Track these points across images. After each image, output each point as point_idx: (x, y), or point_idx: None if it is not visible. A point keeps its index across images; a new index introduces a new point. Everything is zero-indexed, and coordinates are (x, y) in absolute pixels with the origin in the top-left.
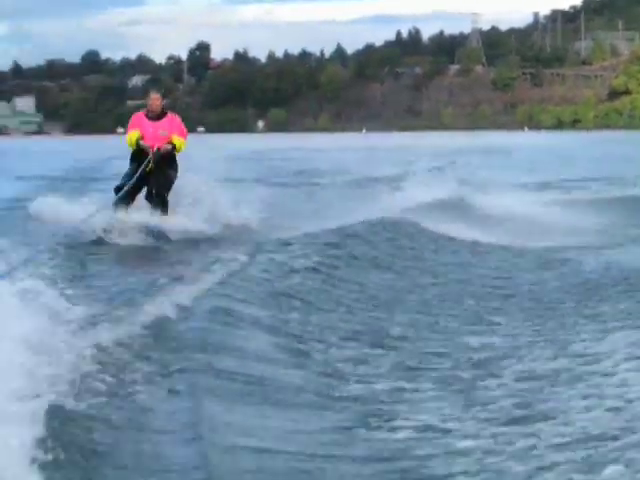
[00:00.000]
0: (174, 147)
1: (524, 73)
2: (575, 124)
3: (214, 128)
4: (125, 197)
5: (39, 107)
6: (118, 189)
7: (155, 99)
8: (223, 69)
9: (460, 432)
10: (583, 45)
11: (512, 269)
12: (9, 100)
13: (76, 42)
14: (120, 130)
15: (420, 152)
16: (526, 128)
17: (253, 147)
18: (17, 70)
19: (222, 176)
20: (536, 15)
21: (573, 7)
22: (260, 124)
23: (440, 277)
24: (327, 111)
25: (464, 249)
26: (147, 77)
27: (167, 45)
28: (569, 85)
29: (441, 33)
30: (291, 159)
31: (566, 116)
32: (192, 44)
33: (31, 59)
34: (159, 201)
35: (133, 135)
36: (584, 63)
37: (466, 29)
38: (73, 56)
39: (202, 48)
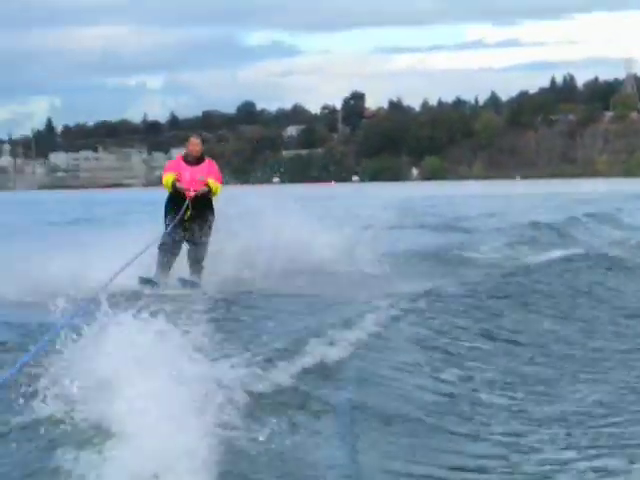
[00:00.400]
0: (210, 190)
1: None
2: None
3: (368, 177)
4: (168, 249)
5: None
6: (162, 237)
7: (195, 144)
8: (377, 118)
9: None
10: None
11: None
12: (166, 151)
13: (231, 93)
14: (275, 180)
15: (578, 198)
16: None
17: (406, 195)
18: (174, 121)
19: (377, 223)
20: None
21: None
22: (414, 172)
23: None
24: (481, 159)
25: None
26: (302, 127)
27: (321, 95)
28: None
29: (596, 79)
30: (443, 205)
31: None
32: (346, 93)
33: (187, 110)
34: (199, 252)
35: (169, 177)
36: None
37: (621, 75)
38: (229, 107)
39: (356, 97)
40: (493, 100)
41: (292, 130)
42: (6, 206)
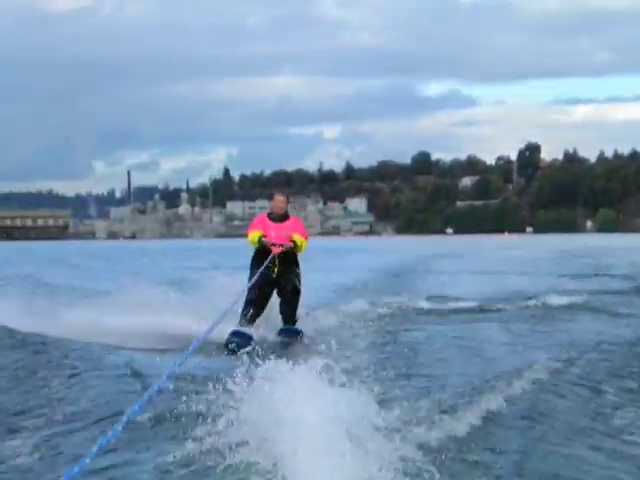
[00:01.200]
0: (296, 245)
1: None
2: None
3: (543, 228)
4: (254, 304)
5: (370, 207)
6: (249, 293)
7: (279, 201)
8: (552, 169)
9: None
10: None
11: None
12: (341, 201)
13: (406, 143)
14: (449, 230)
15: None
16: None
17: (577, 245)
18: (349, 171)
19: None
20: None
21: None
22: (589, 224)
23: None
24: None
25: None
26: (476, 178)
27: (496, 145)
28: None
29: None
30: (616, 256)
31: None
32: (521, 144)
33: (363, 160)
34: (292, 305)
35: (256, 234)
36: None
37: None
38: (404, 157)
39: (531, 148)
40: None
41: (466, 180)
42: (215, 251)
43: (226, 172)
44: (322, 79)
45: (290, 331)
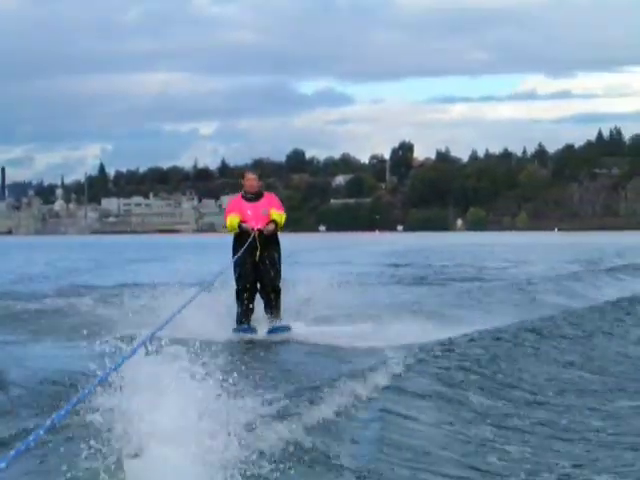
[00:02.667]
0: (276, 226)
1: None
2: None
3: (414, 226)
4: (244, 294)
5: None
6: (237, 283)
7: (251, 179)
8: (424, 168)
9: None
10: None
11: None
12: (216, 198)
13: (282, 141)
14: (322, 228)
15: (612, 250)
16: None
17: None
18: (224, 168)
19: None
20: None
21: None
22: (459, 223)
23: None
24: (525, 210)
25: None
26: (350, 176)
27: (371, 144)
28: None
29: None
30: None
31: None
32: (395, 143)
33: (238, 157)
34: (275, 296)
35: (234, 219)
36: None
37: None
38: (278, 155)
39: (405, 147)
40: (540, 152)
41: (340, 179)
42: (83, 247)
43: (101, 168)
44: (198, 76)
45: (278, 329)
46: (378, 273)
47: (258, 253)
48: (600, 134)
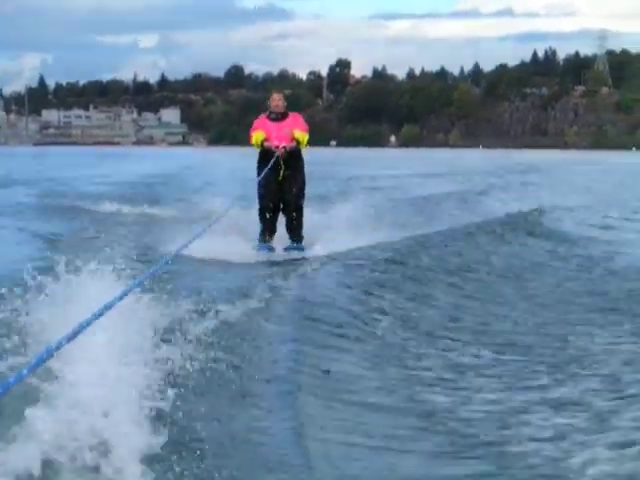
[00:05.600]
0: (299, 143)
1: None
2: None
3: (349, 143)
4: (268, 213)
5: (184, 119)
6: (260, 201)
7: (277, 99)
8: (360, 86)
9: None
10: None
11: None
12: (155, 111)
13: (222, 55)
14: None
15: (512, 167)
16: (634, 148)
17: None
18: (164, 82)
19: None
20: None
21: None
22: (393, 139)
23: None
24: (458, 128)
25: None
26: (288, 92)
27: (310, 60)
28: None
29: (576, 54)
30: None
31: None
32: (334, 60)
33: (178, 71)
34: (297, 216)
35: (259, 135)
36: None
37: (601, 50)
38: (217, 70)
39: (342, 65)
40: (476, 71)
41: None
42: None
43: (41, 80)
44: None
45: (293, 248)
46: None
47: (282, 172)
48: (535, 54)
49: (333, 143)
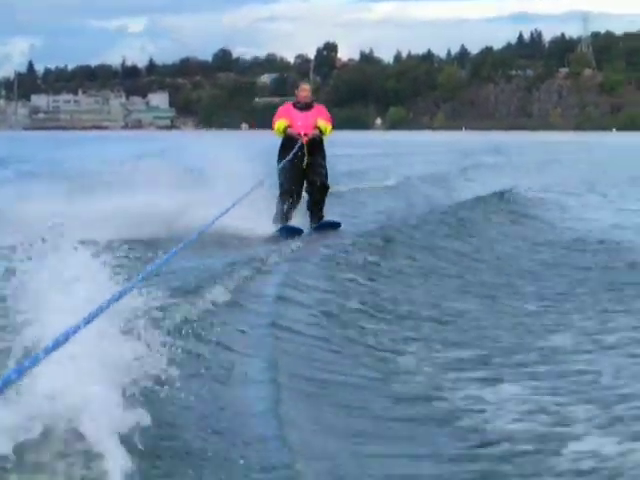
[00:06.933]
0: (321, 132)
1: (630, 78)
2: None
3: (335, 125)
4: (288, 198)
5: (172, 103)
6: (282, 186)
7: (305, 90)
8: (347, 69)
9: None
10: None
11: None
12: (144, 96)
13: (210, 39)
14: (244, 125)
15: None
16: (614, 130)
17: None
18: (152, 67)
19: None
20: None
21: None
22: (378, 122)
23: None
24: (443, 110)
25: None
26: (275, 75)
27: (298, 43)
28: None
29: (562, 36)
30: None
31: None
32: (321, 43)
33: (167, 56)
34: (320, 199)
35: (282, 123)
36: None
37: (587, 32)
38: (207, 54)
39: (329, 48)
40: (463, 54)
41: (266, 78)
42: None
43: (30, 65)
44: None
45: (329, 225)
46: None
47: (306, 160)
48: (521, 36)
49: None
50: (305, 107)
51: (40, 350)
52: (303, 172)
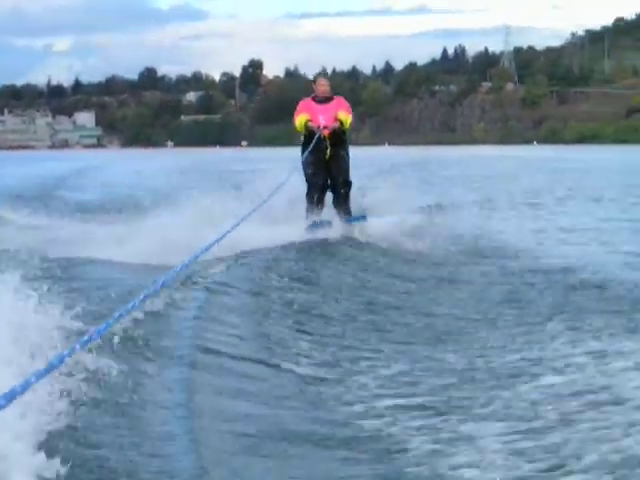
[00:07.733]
0: (342, 123)
1: (551, 91)
2: (595, 139)
3: (261, 143)
4: (315, 194)
5: (98, 121)
6: (308, 181)
7: (323, 85)
8: (271, 86)
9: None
10: (607, 65)
11: None
12: (70, 115)
13: (136, 57)
14: (169, 143)
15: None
16: (535, 142)
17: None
18: (78, 86)
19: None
20: (573, 35)
21: (604, 27)
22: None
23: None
24: (368, 126)
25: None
26: (201, 93)
27: (224, 61)
28: (592, 103)
29: (485, 50)
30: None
31: (587, 132)
32: (246, 61)
33: (93, 75)
34: (346, 192)
35: (302, 118)
36: (607, 82)
37: (508, 47)
38: (132, 72)
39: (254, 65)
40: (388, 70)
41: (191, 96)
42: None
43: None
44: None
45: (356, 219)
46: None
47: (328, 152)
48: (445, 51)
49: (244, 143)
50: (325, 100)
51: (31, 374)
52: (326, 164)
